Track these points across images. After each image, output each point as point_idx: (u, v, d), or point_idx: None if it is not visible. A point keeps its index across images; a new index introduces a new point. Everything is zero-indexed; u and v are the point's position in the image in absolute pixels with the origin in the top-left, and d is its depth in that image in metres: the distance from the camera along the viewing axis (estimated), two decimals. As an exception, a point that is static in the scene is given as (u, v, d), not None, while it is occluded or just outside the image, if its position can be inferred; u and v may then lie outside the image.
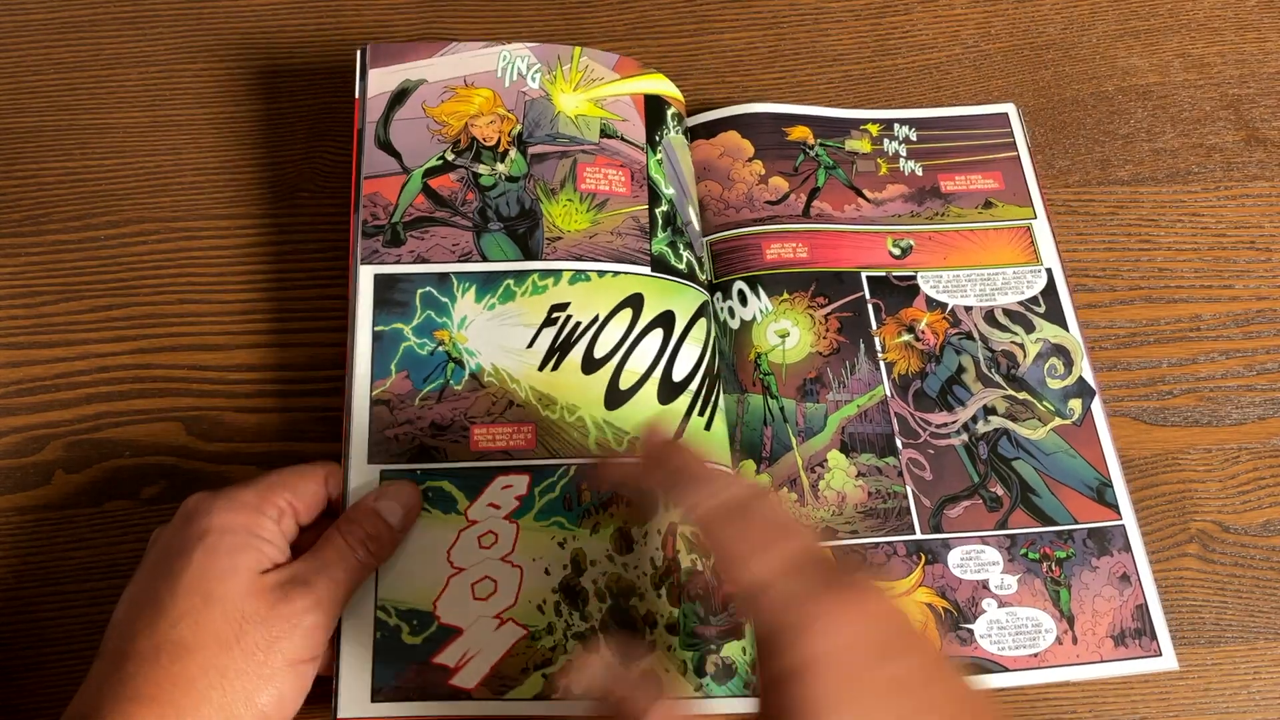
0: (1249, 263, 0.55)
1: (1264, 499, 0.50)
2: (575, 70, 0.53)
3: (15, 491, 0.48)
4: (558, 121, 0.52)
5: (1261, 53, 0.61)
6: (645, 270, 0.49)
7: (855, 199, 0.55)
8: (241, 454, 0.49)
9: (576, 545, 0.44)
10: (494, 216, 0.50)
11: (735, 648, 0.45)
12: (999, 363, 0.52)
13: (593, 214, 0.50)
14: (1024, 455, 0.50)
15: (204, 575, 0.37)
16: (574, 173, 0.51)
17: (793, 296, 0.52)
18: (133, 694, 0.35)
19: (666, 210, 0.51)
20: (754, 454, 0.49)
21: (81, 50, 0.58)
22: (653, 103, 0.54)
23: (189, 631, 0.36)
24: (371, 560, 0.41)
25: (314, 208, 0.54)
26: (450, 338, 0.47)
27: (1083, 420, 0.51)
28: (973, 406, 0.51)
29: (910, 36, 0.61)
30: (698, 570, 0.45)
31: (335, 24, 0.60)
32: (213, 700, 0.36)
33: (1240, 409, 0.52)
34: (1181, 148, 0.58)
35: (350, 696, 0.41)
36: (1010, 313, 0.53)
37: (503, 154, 0.51)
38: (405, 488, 0.43)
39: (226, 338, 0.51)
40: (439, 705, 0.42)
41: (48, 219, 0.53)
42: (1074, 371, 0.52)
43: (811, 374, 0.51)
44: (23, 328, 0.51)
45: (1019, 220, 0.55)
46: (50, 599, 0.46)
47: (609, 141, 0.52)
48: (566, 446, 0.46)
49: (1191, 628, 0.47)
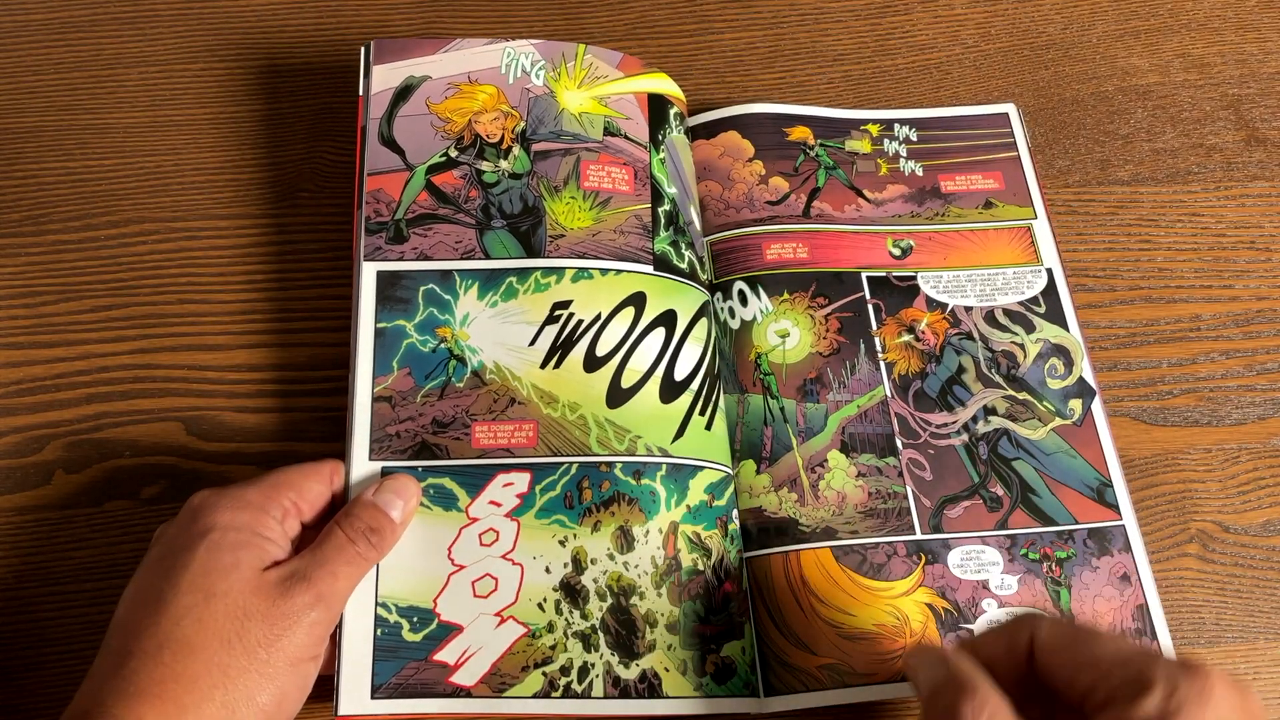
0: (1249, 263, 0.55)
1: (1264, 499, 0.50)
2: (579, 68, 0.53)
3: (15, 491, 0.48)
4: (561, 119, 0.52)
5: (1261, 53, 0.61)
6: (648, 269, 0.49)
7: (855, 199, 0.55)
8: (242, 454, 0.49)
9: (577, 543, 0.44)
10: (497, 214, 0.50)
11: (735, 647, 0.45)
12: (999, 363, 0.52)
13: (595, 212, 0.50)
14: (1024, 455, 0.50)
15: (206, 572, 0.37)
16: (577, 170, 0.51)
17: (793, 297, 0.52)
18: (136, 691, 0.35)
19: (669, 209, 0.51)
20: (754, 454, 0.49)
21: (81, 50, 0.58)
22: (656, 101, 0.54)
23: (192, 629, 0.36)
24: (373, 553, 0.41)
25: (314, 207, 0.54)
26: (452, 335, 0.47)
27: (1083, 420, 0.51)
28: (973, 407, 0.51)
29: (910, 36, 0.61)
30: (698, 570, 0.45)
31: (335, 23, 0.60)
32: (215, 699, 0.36)
33: (1240, 409, 0.52)
34: (1181, 148, 0.58)
35: (351, 693, 0.41)
36: (1010, 313, 0.53)
37: (506, 151, 0.51)
38: (404, 481, 0.43)
39: (226, 338, 0.51)
40: (439, 703, 0.42)
41: (48, 219, 0.53)
42: (1074, 372, 0.52)
43: (812, 374, 0.51)
44: (23, 328, 0.51)
45: (1019, 220, 0.55)
46: (50, 599, 0.46)
47: (612, 140, 0.52)
48: (568, 445, 0.46)
49: (1191, 628, 0.47)
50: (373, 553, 0.41)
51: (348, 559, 0.40)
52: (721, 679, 0.44)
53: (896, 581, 0.47)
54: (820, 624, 0.46)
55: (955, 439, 0.50)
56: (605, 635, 0.43)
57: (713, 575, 0.45)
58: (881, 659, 0.45)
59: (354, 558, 0.40)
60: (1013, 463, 0.50)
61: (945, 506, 0.49)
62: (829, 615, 0.46)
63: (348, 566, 0.40)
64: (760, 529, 0.48)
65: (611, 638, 0.43)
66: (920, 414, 0.51)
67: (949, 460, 0.50)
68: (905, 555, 0.47)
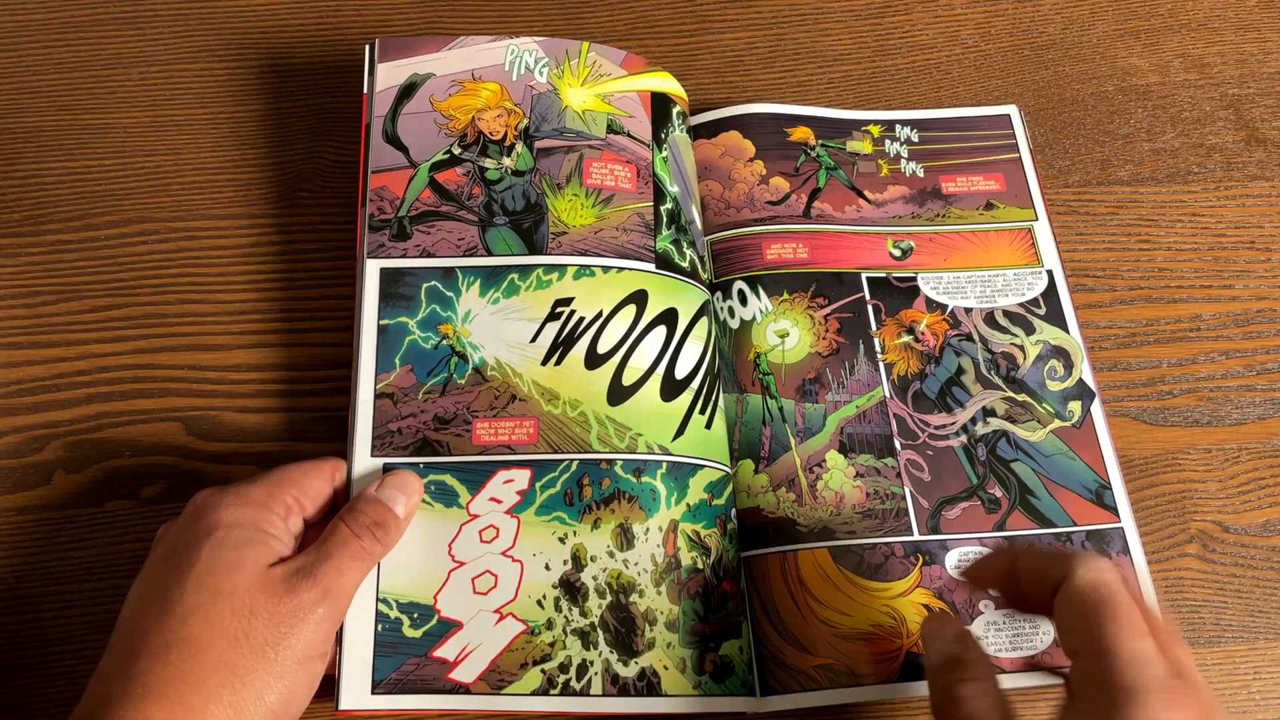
0: (1249, 263, 0.55)
1: (1264, 499, 0.50)
2: (583, 65, 0.53)
3: (15, 491, 0.48)
4: (565, 116, 0.52)
5: (1261, 53, 0.61)
6: (649, 267, 0.49)
7: (856, 200, 0.55)
8: (242, 454, 0.49)
9: (577, 541, 0.44)
10: (499, 210, 0.50)
11: (732, 646, 0.45)
12: (998, 364, 0.52)
13: (598, 210, 0.50)
14: (1023, 457, 0.50)
15: (212, 570, 0.37)
16: (580, 168, 0.51)
17: (793, 297, 0.52)
18: (143, 692, 0.35)
19: (671, 208, 0.52)
20: (752, 454, 0.49)
21: (81, 50, 0.58)
22: (659, 100, 0.54)
23: (199, 628, 0.36)
24: (377, 548, 0.41)
25: (315, 207, 0.54)
26: (454, 331, 0.47)
27: (1082, 422, 0.51)
28: (972, 408, 0.51)
29: (910, 36, 0.61)
30: (698, 569, 0.45)
31: (336, 23, 0.60)
32: (223, 698, 0.36)
33: (1240, 409, 0.52)
34: (1181, 148, 0.58)
35: (351, 688, 0.41)
36: (1010, 314, 0.53)
37: (509, 148, 0.51)
38: (407, 476, 0.43)
39: (227, 338, 0.51)
40: (438, 699, 0.42)
41: (48, 219, 0.54)
42: (1074, 374, 0.52)
43: (810, 374, 0.51)
44: (23, 328, 0.51)
45: (1020, 222, 0.55)
46: (51, 599, 0.46)
47: (615, 137, 0.52)
48: (568, 442, 0.46)
49: (1191, 628, 0.47)
50: (377, 547, 0.41)
51: (353, 554, 0.40)
52: (719, 678, 0.44)
53: (894, 582, 0.47)
54: (817, 624, 0.46)
55: (954, 440, 0.50)
56: (604, 633, 0.43)
57: (711, 574, 0.45)
58: (878, 659, 0.45)
59: (359, 552, 0.40)
60: (1011, 464, 0.50)
61: (943, 507, 0.49)
62: (826, 615, 0.46)
63: (353, 561, 0.40)
64: (758, 528, 0.48)
65: (610, 635, 0.43)
66: (919, 415, 0.51)
67: (947, 461, 0.50)
68: (903, 556, 0.47)
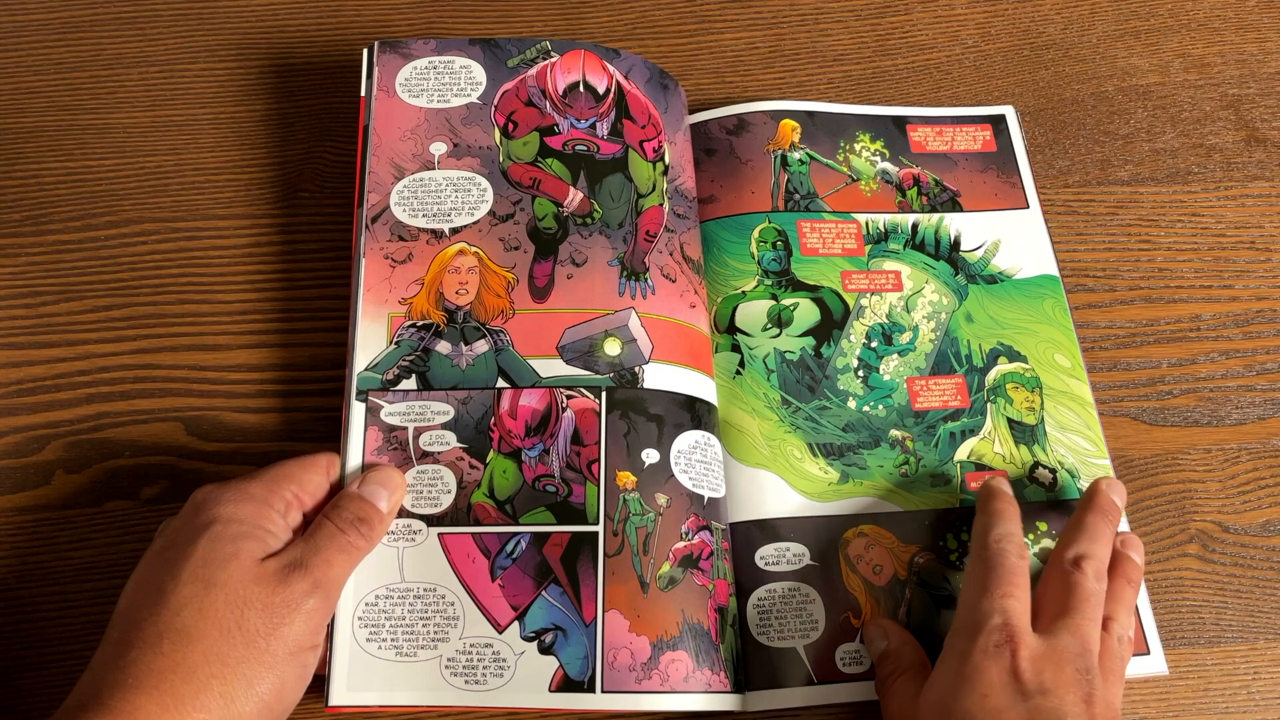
0: (1249, 263, 0.55)
1: (1264, 499, 0.50)
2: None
3: (15, 491, 0.48)
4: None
5: (1261, 53, 0.61)
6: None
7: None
8: (241, 454, 0.49)
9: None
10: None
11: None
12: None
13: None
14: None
15: (206, 562, 0.38)
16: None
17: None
18: (133, 682, 0.35)
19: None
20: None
21: (81, 50, 0.58)
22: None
23: (191, 619, 0.36)
24: (363, 542, 0.41)
25: (314, 208, 0.54)
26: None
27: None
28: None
29: (910, 36, 0.61)
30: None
31: (336, 23, 0.60)
32: (214, 689, 0.36)
33: (1240, 409, 0.52)
34: (1181, 148, 0.58)
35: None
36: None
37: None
38: (389, 472, 0.44)
39: (227, 338, 0.51)
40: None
41: (48, 219, 0.53)
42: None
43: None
44: (23, 328, 0.51)
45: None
46: (51, 599, 0.46)
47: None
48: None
49: (1191, 628, 0.47)
50: (363, 542, 0.41)
51: (340, 547, 0.40)
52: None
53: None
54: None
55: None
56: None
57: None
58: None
59: (346, 546, 0.40)
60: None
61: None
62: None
63: (341, 555, 0.40)
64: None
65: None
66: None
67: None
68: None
